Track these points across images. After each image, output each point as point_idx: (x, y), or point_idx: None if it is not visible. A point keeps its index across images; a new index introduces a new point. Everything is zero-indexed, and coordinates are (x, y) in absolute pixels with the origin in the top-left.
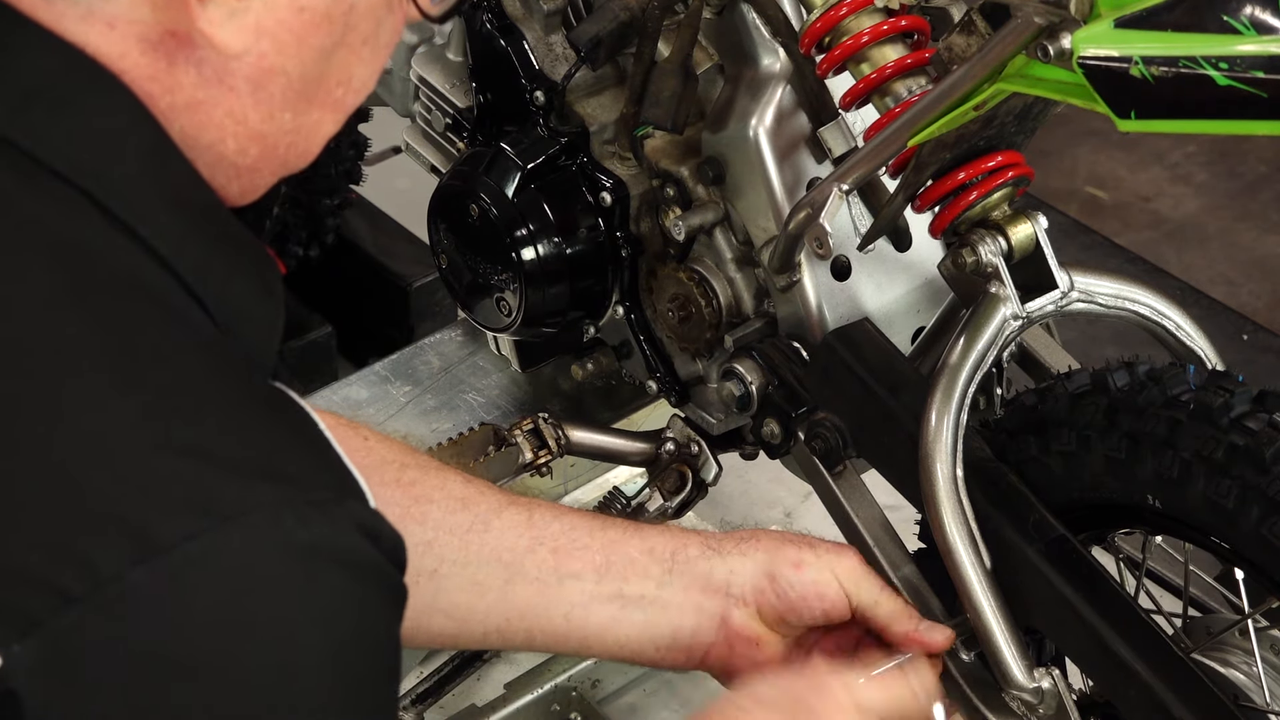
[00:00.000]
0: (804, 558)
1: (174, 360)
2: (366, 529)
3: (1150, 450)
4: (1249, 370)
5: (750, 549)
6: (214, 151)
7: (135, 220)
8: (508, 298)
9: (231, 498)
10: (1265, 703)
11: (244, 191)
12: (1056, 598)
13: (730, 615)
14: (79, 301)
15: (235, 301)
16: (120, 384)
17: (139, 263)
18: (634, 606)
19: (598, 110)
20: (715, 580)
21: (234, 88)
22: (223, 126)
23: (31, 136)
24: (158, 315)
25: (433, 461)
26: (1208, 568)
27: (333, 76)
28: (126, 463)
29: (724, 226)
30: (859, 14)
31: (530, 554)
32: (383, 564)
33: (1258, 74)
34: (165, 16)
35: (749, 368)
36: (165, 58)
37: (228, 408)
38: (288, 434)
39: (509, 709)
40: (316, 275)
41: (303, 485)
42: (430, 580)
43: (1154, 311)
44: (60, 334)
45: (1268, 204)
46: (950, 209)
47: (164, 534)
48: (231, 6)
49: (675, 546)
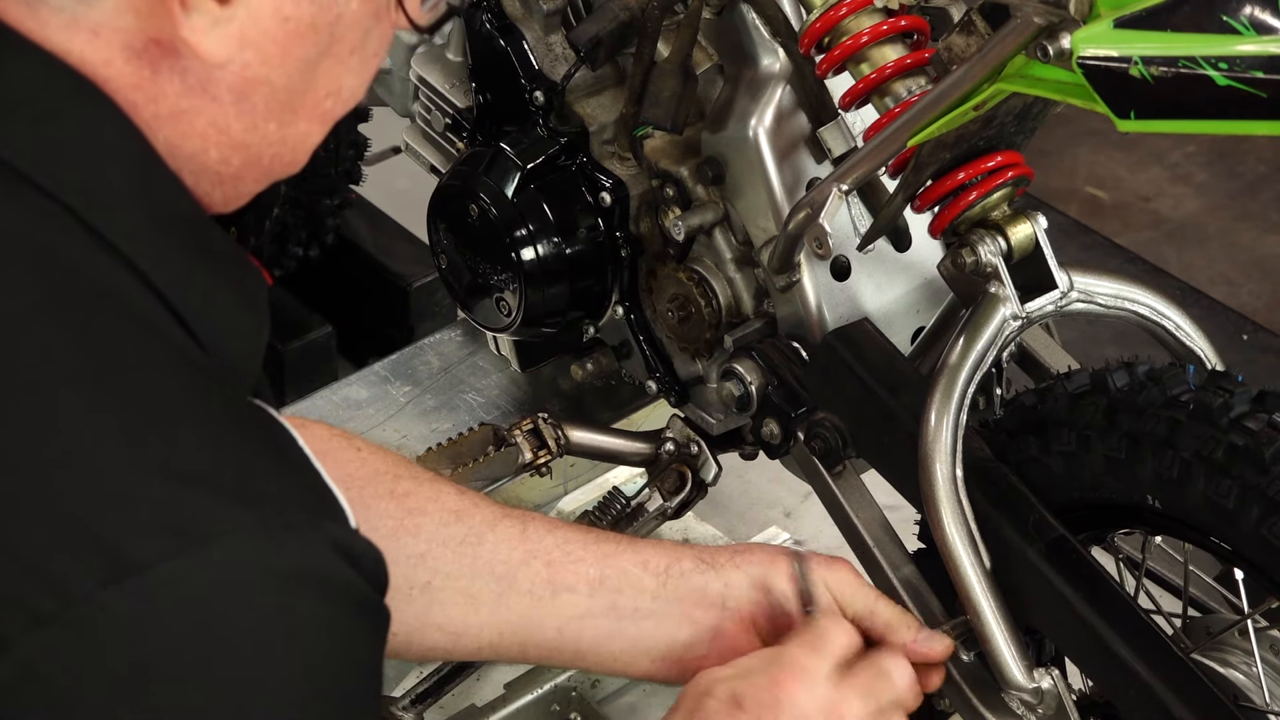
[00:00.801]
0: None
1: (151, 378)
2: (344, 550)
3: (1150, 450)
4: (1249, 370)
5: (744, 561)
6: (197, 161)
7: (116, 235)
8: (507, 298)
9: (206, 520)
10: (1265, 703)
11: (227, 199)
12: (1056, 598)
13: (724, 628)
14: (56, 317)
15: (217, 317)
16: (96, 402)
17: (119, 278)
18: (628, 619)
19: (597, 110)
20: (710, 593)
21: (217, 97)
22: (205, 136)
23: (13, 149)
24: (136, 332)
25: (426, 473)
26: (1208, 568)
27: (320, 87)
28: (101, 482)
29: (724, 226)
30: (859, 14)
31: (524, 567)
32: (360, 585)
33: (1257, 74)
34: (149, 25)
35: (749, 368)
36: (149, 66)
37: (204, 426)
38: (265, 453)
39: (509, 709)
40: (316, 275)
41: (279, 506)
42: (424, 593)
43: (1154, 311)
44: (36, 350)
45: (1268, 204)
46: (950, 209)
47: (137, 555)
48: (215, 16)
49: (670, 560)
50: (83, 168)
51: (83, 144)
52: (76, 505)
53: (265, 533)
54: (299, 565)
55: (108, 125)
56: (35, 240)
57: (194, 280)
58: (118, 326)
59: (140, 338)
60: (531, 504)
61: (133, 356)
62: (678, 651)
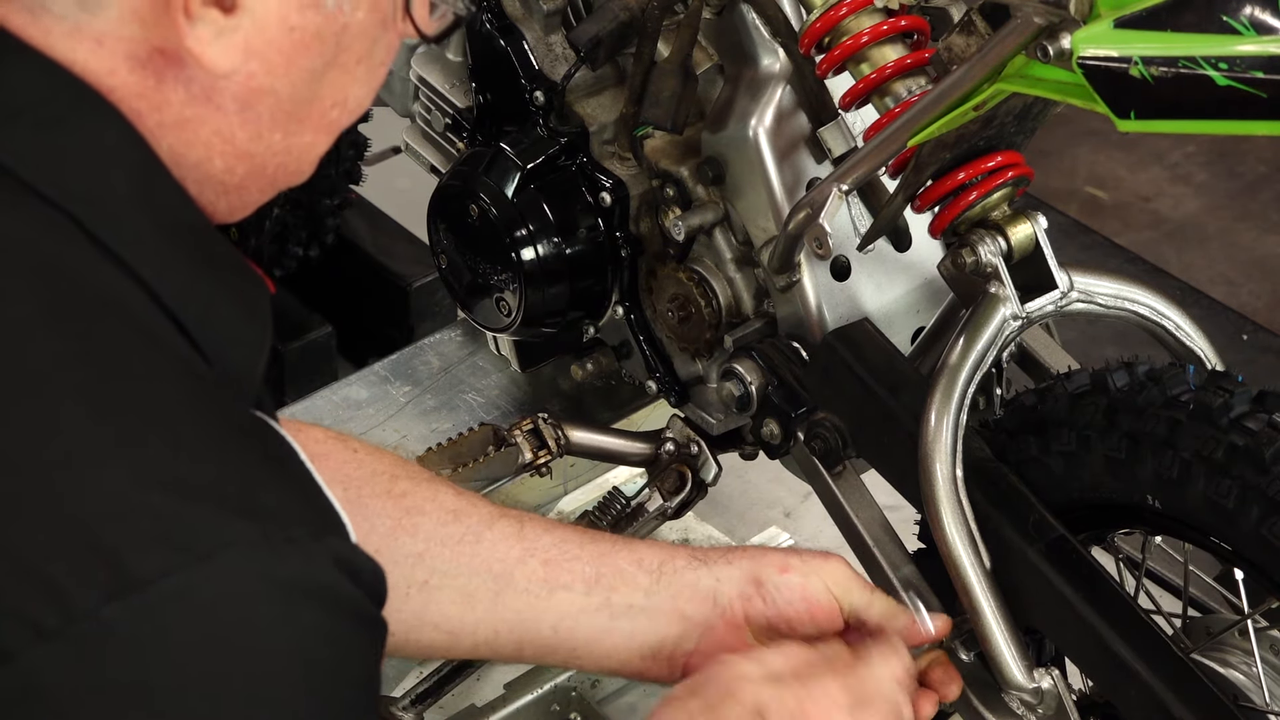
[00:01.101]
0: (790, 563)
1: (154, 388)
2: (345, 565)
3: (1150, 450)
4: (1249, 370)
5: (735, 557)
6: (201, 170)
7: (120, 244)
8: (507, 298)
9: (208, 534)
10: (1265, 703)
11: (232, 209)
12: (1056, 598)
13: (715, 624)
14: (59, 327)
15: (219, 327)
16: (98, 412)
17: (122, 288)
18: (622, 617)
19: (597, 110)
20: (702, 589)
21: (221, 107)
22: (210, 145)
23: (17, 157)
24: (139, 342)
25: (424, 472)
26: (1208, 568)
27: (327, 97)
28: (103, 491)
29: (724, 226)
30: (859, 14)
31: (521, 565)
32: (360, 600)
33: (1257, 74)
34: (154, 34)
35: (749, 368)
36: (154, 75)
37: (206, 438)
38: (267, 466)
39: (509, 709)
40: (316, 275)
41: (281, 521)
42: (421, 592)
43: (1154, 311)
44: (39, 360)
45: (1268, 204)
46: (950, 209)
47: (140, 570)
48: (220, 25)
49: (663, 558)
50: (86, 176)
51: (86, 152)
52: (78, 514)
53: (268, 546)
54: (301, 579)
55: (111, 133)
56: (39, 249)
57: (197, 290)
58: (121, 336)
59: (143, 348)
60: (531, 504)
61: (136, 367)
62: (668, 648)
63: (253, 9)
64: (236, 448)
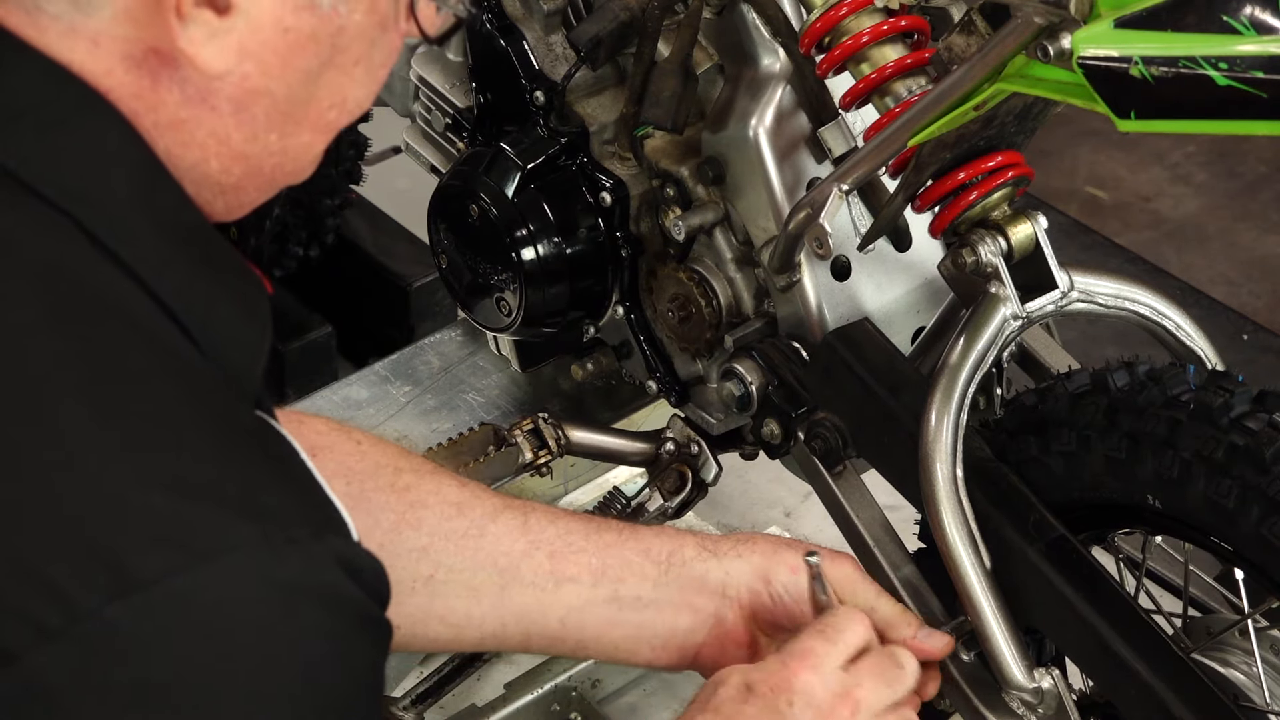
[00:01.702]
0: (800, 563)
1: (155, 389)
2: (347, 565)
3: (1150, 450)
4: (1249, 370)
5: (746, 551)
6: (198, 170)
7: (120, 245)
8: (508, 298)
9: (210, 535)
10: (1265, 703)
11: (230, 208)
12: (1056, 598)
13: (724, 616)
14: (59, 328)
15: (219, 328)
16: (99, 414)
17: (123, 289)
18: (630, 608)
19: (598, 110)
20: (710, 581)
21: (217, 108)
22: (205, 146)
23: (17, 157)
24: (139, 342)
25: (427, 465)
26: (1208, 568)
27: (324, 98)
28: (105, 496)
29: (724, 226)
30: (859, 14)
31: (526, 558)
32: (363, 601)
33: (1258, 74)
34: (148, 34)
35: (749, 368)
36: (149, 75)
37: (207, 439)
38: (268, 466)
39: (509, 709)
40: (316, 275)
41: (282, 521)
42: (426, 586)
43: (1154, 311)
44: (40, 361)
45: (1268, 204)
46: (950, 209)
47: (142, 570)
48: (213, 27)
49: (672, 548)
50: (87, 176)
51: (88, 153)
52: (80, 515)
53: (269, 547)
54: (302, 579)
55: (113, 134)
56: (40, 250)
57: (197, 291)
58: (122, 337)
59: (144, 349)
60: None
61: (136, 367)
62: (678, 639)
63: (247, 10)
64: (237, 448)
